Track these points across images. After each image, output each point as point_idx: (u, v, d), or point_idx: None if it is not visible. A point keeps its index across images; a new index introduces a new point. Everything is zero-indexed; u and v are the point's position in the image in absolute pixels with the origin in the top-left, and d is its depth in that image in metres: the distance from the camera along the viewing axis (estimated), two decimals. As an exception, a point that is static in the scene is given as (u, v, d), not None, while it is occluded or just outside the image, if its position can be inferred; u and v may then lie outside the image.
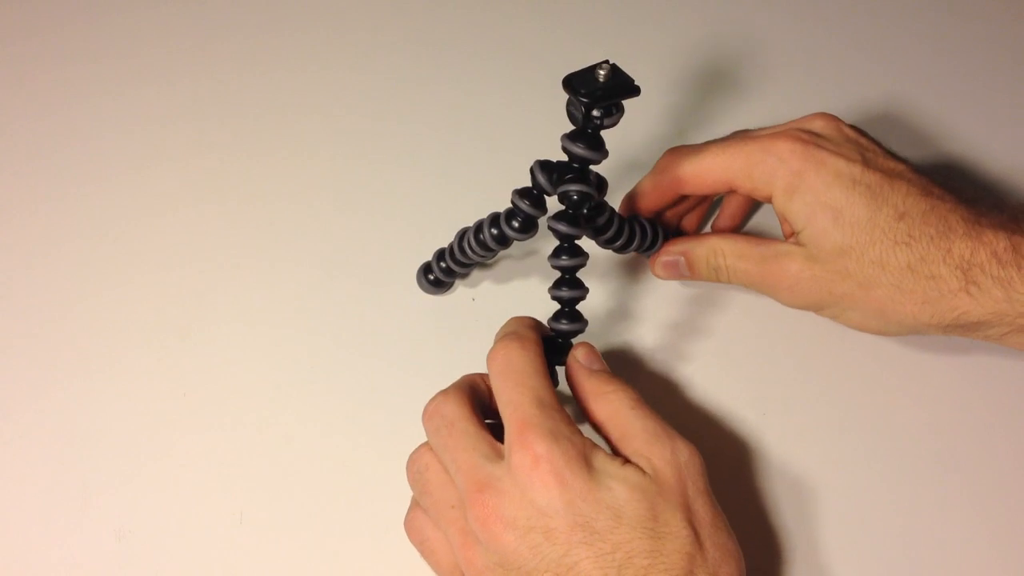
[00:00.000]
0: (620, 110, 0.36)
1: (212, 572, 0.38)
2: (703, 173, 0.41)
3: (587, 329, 0.39)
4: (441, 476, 0.34)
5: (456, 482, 0.33)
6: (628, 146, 0.51)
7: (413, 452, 0.36)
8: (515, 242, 0.40)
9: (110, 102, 0.54)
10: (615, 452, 0.35)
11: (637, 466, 0.33)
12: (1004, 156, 0.52)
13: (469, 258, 0.42)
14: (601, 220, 0.40)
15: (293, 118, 0.53)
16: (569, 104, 0.36)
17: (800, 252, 0.40)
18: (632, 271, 0.47)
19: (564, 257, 0.38)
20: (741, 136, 0.42)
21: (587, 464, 0.32)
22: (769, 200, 0.41)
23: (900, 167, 0.40)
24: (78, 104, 0.54)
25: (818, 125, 0.42)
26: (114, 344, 0.44)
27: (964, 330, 0.39)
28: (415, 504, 0.36)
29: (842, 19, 0.60)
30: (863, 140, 0.41)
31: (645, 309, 0.46)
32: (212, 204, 0.50)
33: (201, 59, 0.56)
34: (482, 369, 0.37)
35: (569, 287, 0.39)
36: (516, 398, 0.33)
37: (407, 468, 0.36)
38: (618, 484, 0.32)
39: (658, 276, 0.45)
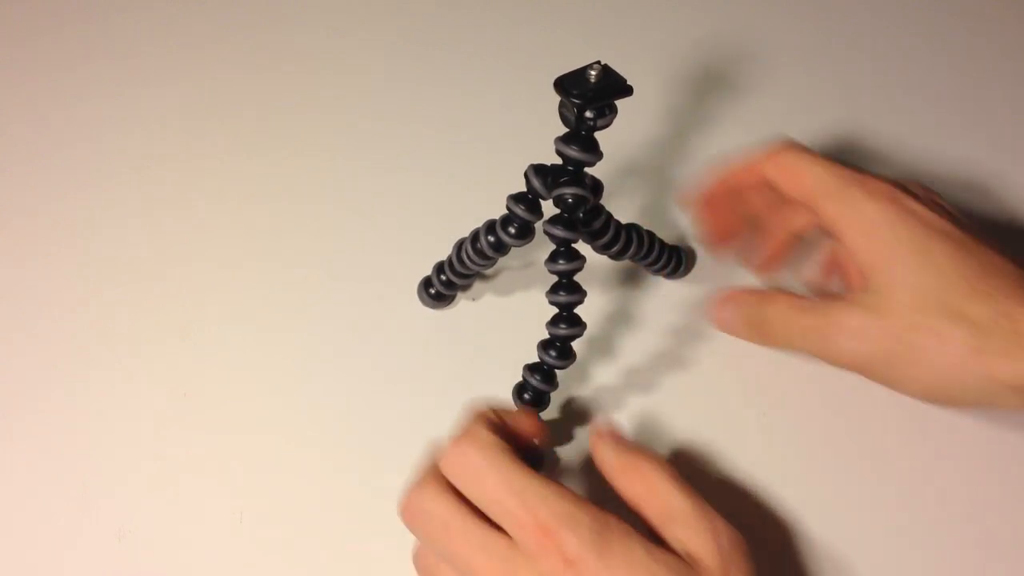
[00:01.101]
0: (613, 111, 0.35)
1: (212, 572, 0.38)
2: (798, 169, 0.39)
3: (586, 333, 0.39)
4: (471, 534, 0.31)
5: None
6: (624, 149, 0.51)
7: (415, 553, 0.34)
8: (513, 249, 0.40)
9: (110, 102, 0.54)
10: (651, 532, 0.32)
11: (676, 553, 0.31)
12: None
13: (468, 268, 0.42)
14: (597, 224, 0.40)
15: (294, 119, 0.54)
16: (561, 106, 0.36)
17: (857, 309, 0.38)
18: (630, 278, 0.47)
19: (561, 261, 0.38)
20: (845, 169, 0.40)
21: (620, 552, 0.29)
22: (839, 234, 0.39)
23: (991, 242, 0.38)
24: (78, 104, 0.54)
25: (911, 186, 0.40)
26: (114, 344, 0.44)
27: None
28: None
29: (844, 19, 0.60)
30: (954, 210, 0.40)
31: (645, 314, 0.46)
32: (213, 204, 0.50)
33: (201, 59, 0.56)
34: (485, 371, 0.37)
35: (567, 291, 0.38)
36: (506, 502, 0.30)
37: (416, 567, 0.34)
38: (659, 569, 0.29)
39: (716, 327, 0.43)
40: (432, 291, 0.45)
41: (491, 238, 0.40)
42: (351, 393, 0.43)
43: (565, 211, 0.37)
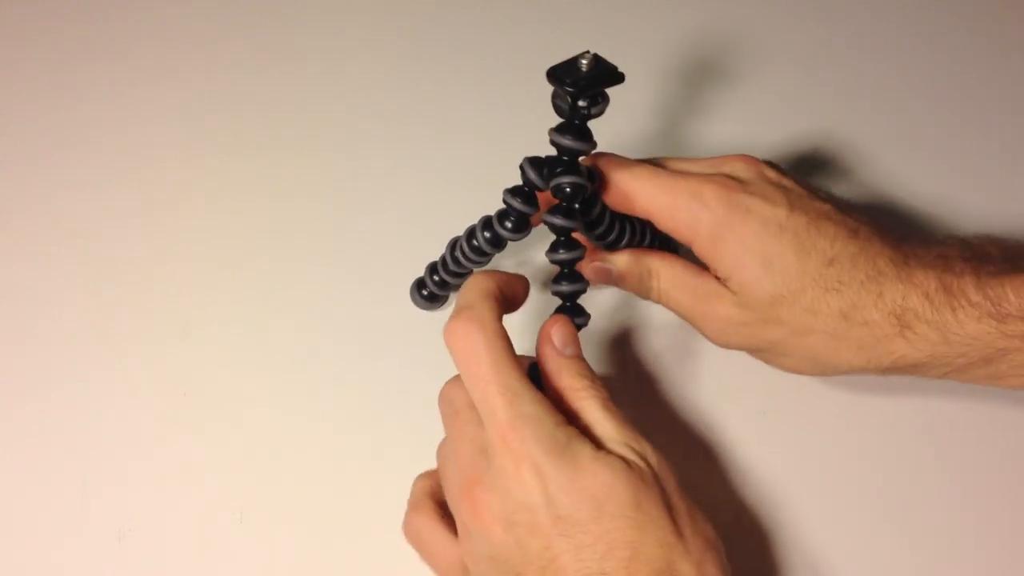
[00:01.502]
0: (605, 99, 0.36)
1: (212, 572, 0.38)
2: (631, 195, 0.40)
3: (590, 322, 0.39)
4: (454, 467, 0.34)
5: (455, 471, 0.34)
6: (619, 139, 0.51)
7: (441, 441, 0.36)
8: (509, 243, 0.40)
9: (110, 102, 0.54)
10: None
11: (619, 455, 0.32)
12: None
13: (463, 266, 0.42)
14: (594, 212, 0.40)
15: (294, 119, 0.54)
16: (555, 96, 0.36)
17: (731, 297, 0.39)
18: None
19: (562, 251, 0.38)
20: (671, 172, 0.40)
21: (570, 455, 0.31)
22: (690, 245, 0.39)
23: (825, 207, 0.39)
24: (78, 104, 0.54)
25: (738, 168, 0.40)
26: (114, 344, 0.44)
27: (903, 371, 0.38)
28: (411, 509, 0.36)
29: (839, 13, 0.60)
30: (785, 181, 0.40)
31: (642, 307, 0.46)
32: (212, 204, 0.50)
33: (201, 59, 0.56)
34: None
35: (569, 281, 0.39)
36: (488, 395, 0.32)
37: (436, 457, 0.36)
38: (602, 469, 0.31)
39: (587, 278, 0.40)
40: (425, 292, 0.45)
41: (487, 234, 0.40)
42: (351, 393, 0.43)
43: (564, 200, 0.38)
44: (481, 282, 0.35)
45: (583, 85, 0.35)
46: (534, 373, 0.35)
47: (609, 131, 0.37)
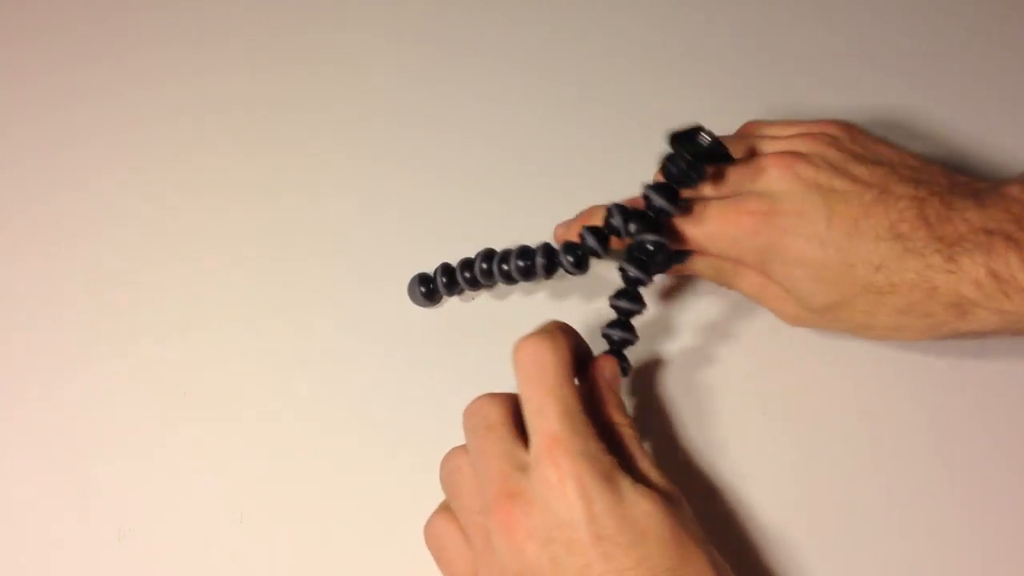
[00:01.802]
0: (704, 175, 0.39)
1: (212, 572, 0.38)
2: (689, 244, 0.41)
3: (591, 330, 0.39)
4: (472, 480, 0.34)
5: (483, 487, 0.33)
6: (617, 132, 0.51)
7: (448, 452, 0.36)
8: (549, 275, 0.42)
9: (110, 102, 0.54)
10: None
11: (656, 489, 0.33)
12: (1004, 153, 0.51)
13: (491, 279, 0.42)
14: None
15: (295, 118, 0.53)
16: (670, 160, 0.39)
17: (794, 300, 0.41)
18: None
19: (624, 301, 0.40)
20: (705, 216, 0.40)
21: (614, 481, 0.32)
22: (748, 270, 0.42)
23: (869, 195, 0.38)
24: (78, 104, 0.54)
25: (798, 143, 0.41)
26: (114, 343, 0.44)
27: (979, 337, 0.39)
28: (439, 510, 0.36)
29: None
30: (823, 179, 0.39)
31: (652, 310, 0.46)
32: (213, 202, 0.50)
33: (201, 59, 0.56)
34: (487, 374, 0.37)
35: (622, 329, 0.40)
36: (546, 408, 0.33)
37: (440, 467, 0.36)
38: (643, 499, 0.32)
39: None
40: (425, 289, 0.45)
41: (543, 260, 0.41)
42: (352, 393, 0.43)
43: (642, 255, 0.39)
44: (567, 326, 0.37)
45: (702, 157, 0.38)
46: None
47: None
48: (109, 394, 0.43)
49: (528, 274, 0.41)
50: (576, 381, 0.36)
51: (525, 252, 0.41)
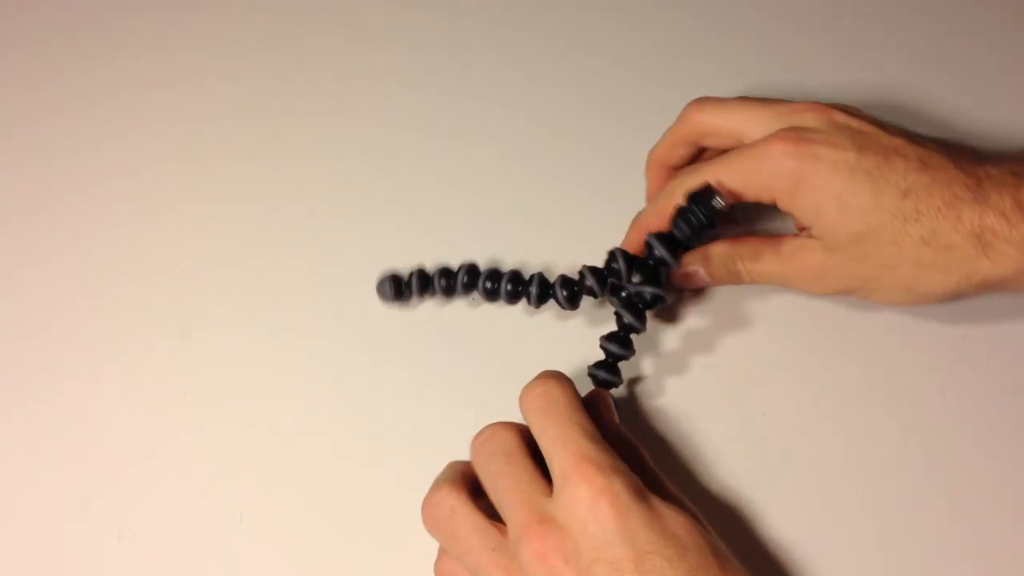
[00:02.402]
0: (706, 238, 0.41)
1: (212, 572, 0.38)
2: (713, 128, 0.43)
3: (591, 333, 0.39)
4: (473, 519, 0.33)
5: (508, 517, 0.33)
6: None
7: (430, 496, 0.35)
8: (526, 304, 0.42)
9: (111, 102, 0.54)
10: None
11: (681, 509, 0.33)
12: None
13: (469, 293, 0.43)
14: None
15: (296, 120, 0.53)
16: (687, 213, 0.40)
17: (817, 244, 0.40)
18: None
19: (615, 346, 0.40)
20: (739, 148, 0.42)
21: (646, 496, 0.32)
22: (772, 203, 0.41)
23: (896, 142, 0.40)
24: (78, 104, 0.54)
25: (807, 118, 0.42)
26: (114, 344, 0.44)
27: (992, 288, 0.39)
28: (446, 484, 0.35)
29: None
30: (854, 123, 0.41)
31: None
32: (213, 204, 0.50)
33: (201, 61, 0.56)
34: (485, 374, 0.37)
35: (608, 371, 0.40)
36: (566, 433, 0.33)
37: (424, 514, 0.35)
38: (677, 513, 0.32)
39: (681, 287, 0.44)
40: (394, 288, 0.44)
41: (536, 290, 0.41)
42: (352, 393, 0.43)
43: (640, 303, 0.40)
44: (567, 379, 0.37)
45: (711, 218, 0.40)
46: None
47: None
48: (109, 395, 0.43)
49: (515, 299, 0.42)
50: None
51: (517, 278, 0.42)
